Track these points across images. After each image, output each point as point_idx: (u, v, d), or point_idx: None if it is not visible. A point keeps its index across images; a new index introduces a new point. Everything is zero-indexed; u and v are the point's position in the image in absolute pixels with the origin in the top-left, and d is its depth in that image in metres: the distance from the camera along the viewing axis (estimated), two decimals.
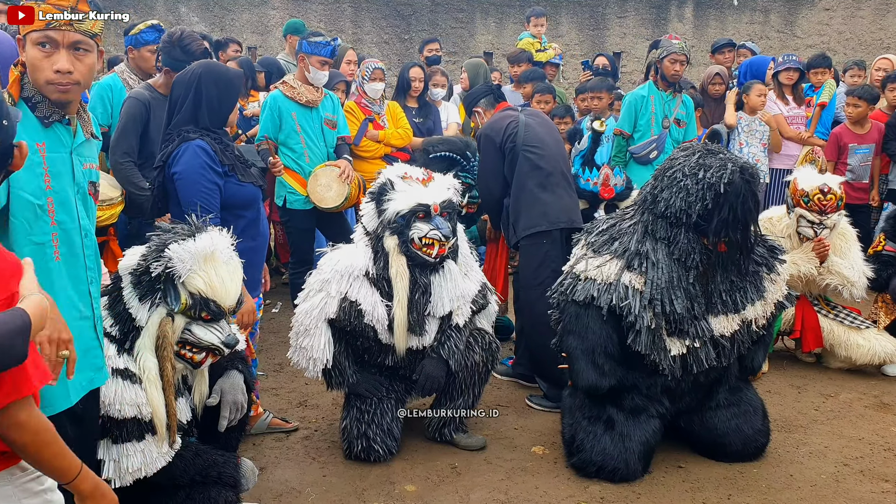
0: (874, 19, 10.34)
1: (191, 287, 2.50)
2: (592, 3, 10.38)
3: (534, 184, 4.06)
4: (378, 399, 3.49)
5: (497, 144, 4.13)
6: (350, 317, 3.34)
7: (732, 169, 3.06)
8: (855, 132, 6.18)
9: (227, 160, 3.15)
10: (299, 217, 4.88)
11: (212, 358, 2.64)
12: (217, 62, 3.50)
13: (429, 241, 3.31)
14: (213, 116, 3.18)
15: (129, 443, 2.50)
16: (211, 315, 2.55)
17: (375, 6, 10.28)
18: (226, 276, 2.55)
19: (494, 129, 4.18)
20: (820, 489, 3.28)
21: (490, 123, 4.26)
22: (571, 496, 3.21)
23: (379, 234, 3.37)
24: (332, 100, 5.03)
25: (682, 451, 3.56)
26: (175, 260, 2.47)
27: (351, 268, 3.35)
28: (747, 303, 3.33)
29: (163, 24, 4.49)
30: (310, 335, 3.38)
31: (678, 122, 5.58)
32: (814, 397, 4.29)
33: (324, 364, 3.40)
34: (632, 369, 3.33)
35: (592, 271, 3.26)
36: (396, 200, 3.34)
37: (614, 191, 4.46)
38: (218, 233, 2.61)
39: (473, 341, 3.60)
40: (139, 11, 10.10)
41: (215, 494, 2.66)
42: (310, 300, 3.39)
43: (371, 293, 3.36)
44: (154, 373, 2.50)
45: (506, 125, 4.15)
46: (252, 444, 3.56)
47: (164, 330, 2.49)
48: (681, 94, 5.67)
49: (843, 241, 4.57)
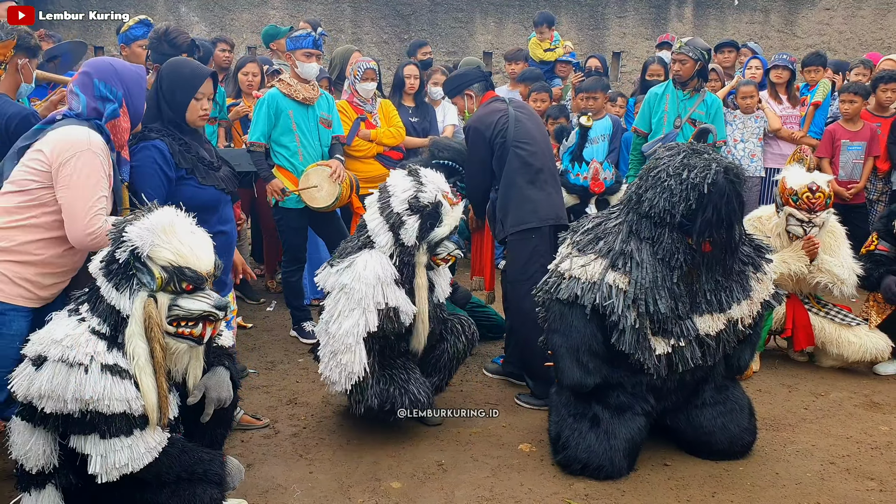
0: (875, 19, 10.32)
1: (160, 261, 2.51)
2: (592, 3, 10.38)
3: (524, 180, 4.06)
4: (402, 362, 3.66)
5: (486, 138, 4.12)
6: (392, 322, 3.48)
7: (716, 169, 3.07)
8: (847, 129, 6.17)
9: (184, 163, 3.17)
10: (292, 216, 4.89)
11: (211, 329, 2.65)
12: (182, 59, 3.47)
13: (450, 257, 3.63)
14: (171, 109, 3.22)
15: (117, 438, 2.51)
16: (192, 284, 2.57)
17: (375, 6, 10.30)
18: (192, 243, 2.57)
19: (484, 123, 4.15)
20: (804, 487, 3.30)
21: (479, 116, 4.22)
22: (556, 493, 3.23)
23: (412, 249, 3.50)
24: (327, 99, 5.06)
25: (667, 448, 3.57)
26: (135, 239, 2.50)
27: (381, 277, 3.42)
28: (733, 302, 3.34)
29: (165, 23, 4.51)
30: (351, 352, 3.42)
31: (693, 122, 5.49)
32: (804, 396, 4.30)
33: (358, 376, 3.45)
34: (617, 367, 3.35)
35: (577, 270, 3.27)
36: (445, 226, 3.52)
37: (604, 185, 4.49)
38: (174, 209, 2.63)
39: (461, 328, 3.83)
40: (139, 11, 10.14)
41: (201, 492, 2.68)
42: (347, 320, 3.40)
43: (401, 294, 3.50)
44: (144, 358, 2.52)
45: (496, 119, 4.12)
46: (240, 441, 3.59)
47: (149, 311, 2.52)
48: (703, 93, 5.56)
49: (833, 238, 4.58)
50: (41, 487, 2.63)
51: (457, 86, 4.42)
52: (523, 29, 10.26)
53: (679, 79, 5.52)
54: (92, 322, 2.54)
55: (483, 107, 4.28)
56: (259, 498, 3.14)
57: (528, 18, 10.28)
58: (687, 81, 5.51)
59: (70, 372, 2.44)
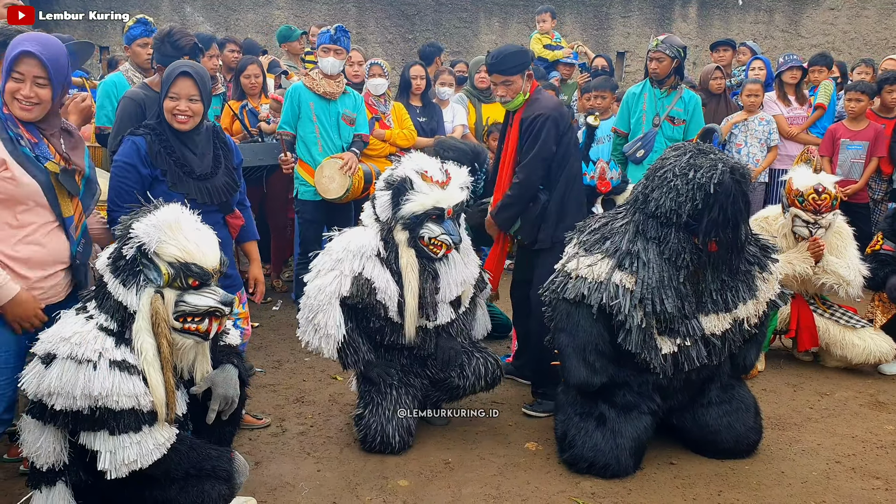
0: (879, 19, 10.31)
1: (167, 257, 2.54)
2: (596, 3, 10.39)
3: (579, 188, 3.95)
4: (396, 393, 3.56)
5: (559, 132, 3.79)
6: (363, 293, 3.40)
7: (723, 169, 3.08)
8: (850, 128, 6.15)
9: (160, 164, 3.16)
10: (309, 208, 5.11)
11: (217, 324, 2.68)
12: (181, 61, 3.48)
13: (438, 242, 3.44)
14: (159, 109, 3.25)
15: (126, 434, 2.53)
16: (198, 280, 2.59)
17: (379, 6, 10.32)
18: (198, 239, 2.60)
19: (562, 114, 3.83)
20: (810, 486, 3.30)
21: (554, 105, 3.86)
22: (563, 491, 3.24)
23: (390, 225, 3.46)
24: (354, 97, 5.24)
25: (673, 447, 3.58)
26: (142, 235, 2.52)
27: (363, 248, 3.41)
28: (739, 302, 3.35)
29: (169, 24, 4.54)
30: (323, 311, 3.41)
31: (672, 119, 5.48)
32: (809, 395, 4.31)
33: (338, 340, 3.43)
34: (623, 367, 3.36)
35: (583, 270, 3.29)
36: (413, 202, 3.40)
37: (611, 184, 4.49)
38: (179, 206, 2.65)
39: (484, 371, 3.66)
40: (144, 12, 10.15)
41: (209, 488, 2.69)
42: (321, 278, 3.43)
43: (383, 272, 3.44)
44: (152, 354, 2.54)
45: (565, 113, 3.84)
46: (248, 440, 3.61)
47: (155, 307, 2.54)
48: (680, 90, 5.53)
49: (840, 239, 4.58)
50: (52, 484, 2.64)
51: (521, 62, 3.84)
52: (527, 29, 10.27)
53: (656, 77, 5.47)
54: (99, 319, 2.56)
55: (543, 95, 3.96)
56: (267, 496, 3.16)
57: (532, 19, 10.28)
58: (664, 79, 5.45)
59: (79, 369, 2.46)
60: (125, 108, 3.84)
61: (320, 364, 4.60)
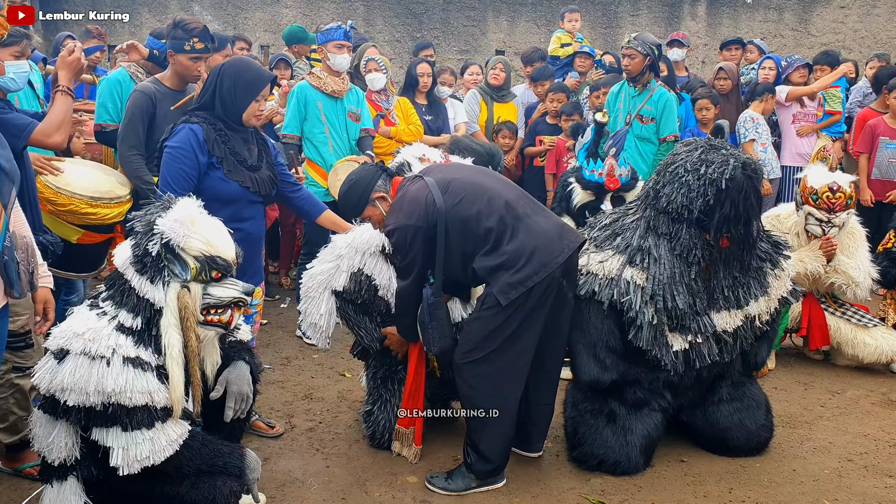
0: (890, 17, 10.24)
1: (192, 251, 2.56)
2: (605, 2, 10.37)
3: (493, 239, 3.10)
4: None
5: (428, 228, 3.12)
6: (362, 290, 3.36)
7: (734, 164, 3.06)
8: (891, 125, 5.94)
9: (217, 152, 3.21)
10: None
11: (238, 314, 2.71)
12: (246, 59, 3.54)
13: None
14: (225, 109, 3.25)
15: (139, 430, 2.53)
16: (220, 271, 2.62)
17: (387, 4, 10.32)
18: (217, 232, 2.65)
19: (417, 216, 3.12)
20: (822, 484, 3.29)
21: (407, 212, 3.15)
22: (573, 488, 3.23)
23: None
24: (356, 93, 5.18)
25: (684, 445, 3.57)
26: (168, 231, 2.53)
27: (368, 243, 3.35)
28: (750, 298, 3.33)
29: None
30: (310, 299, 3.38)
31: (640, 118, 5.39)
32: (820, 394, 4.29)
33: (324, 332, 3.39)
34: (634, 364, 3.35)
35: (594, 266, 3.28)
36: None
37: (619, 181, 4.48)
38: (186, 199, 2.68)
39: None
40: (153, 10, 10.24)
41: (220, 484, 2.69)
42: (317, 266, 3.41)
43: (386, 268, 3.37)
44: (177, 349, 2.54)
45: (424, 202, 3.13)
46: (257, 436, 3.61)
47: (184, 301, 2.55)
48: (651, 88, 5.40)
49: (852, 240, 4.55)
50: (63, 479, 2.64)
51: (359, 196, 3.37)
52: (536, 27, 10.26)
53: (629, 74, 5.42)
54: (120, 316, 2.55)
55: (403, 202, 3.21)
56: (276, 491, 3.16)
57: (540, 17, 10.28)
58: (637, 77, 5.39)
59: (92, 365, 2.45)
60: (136, 102, 3.83)
61: (329, 361, 4.60)
